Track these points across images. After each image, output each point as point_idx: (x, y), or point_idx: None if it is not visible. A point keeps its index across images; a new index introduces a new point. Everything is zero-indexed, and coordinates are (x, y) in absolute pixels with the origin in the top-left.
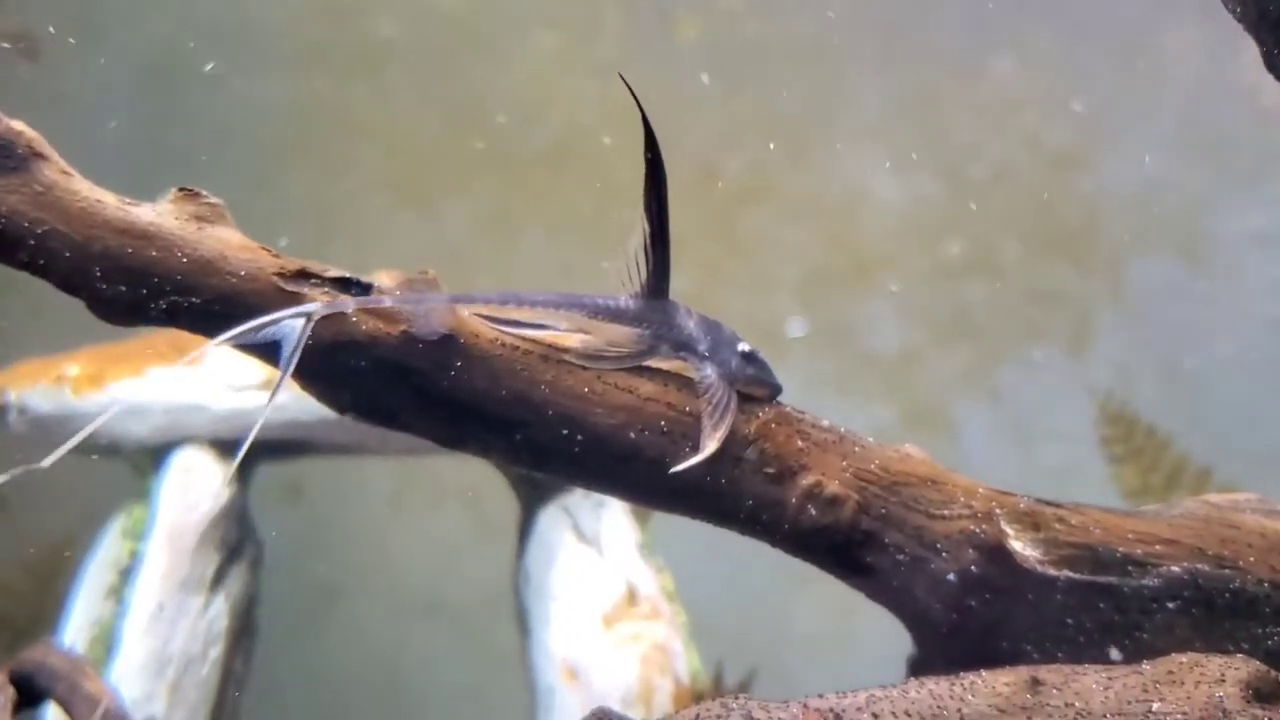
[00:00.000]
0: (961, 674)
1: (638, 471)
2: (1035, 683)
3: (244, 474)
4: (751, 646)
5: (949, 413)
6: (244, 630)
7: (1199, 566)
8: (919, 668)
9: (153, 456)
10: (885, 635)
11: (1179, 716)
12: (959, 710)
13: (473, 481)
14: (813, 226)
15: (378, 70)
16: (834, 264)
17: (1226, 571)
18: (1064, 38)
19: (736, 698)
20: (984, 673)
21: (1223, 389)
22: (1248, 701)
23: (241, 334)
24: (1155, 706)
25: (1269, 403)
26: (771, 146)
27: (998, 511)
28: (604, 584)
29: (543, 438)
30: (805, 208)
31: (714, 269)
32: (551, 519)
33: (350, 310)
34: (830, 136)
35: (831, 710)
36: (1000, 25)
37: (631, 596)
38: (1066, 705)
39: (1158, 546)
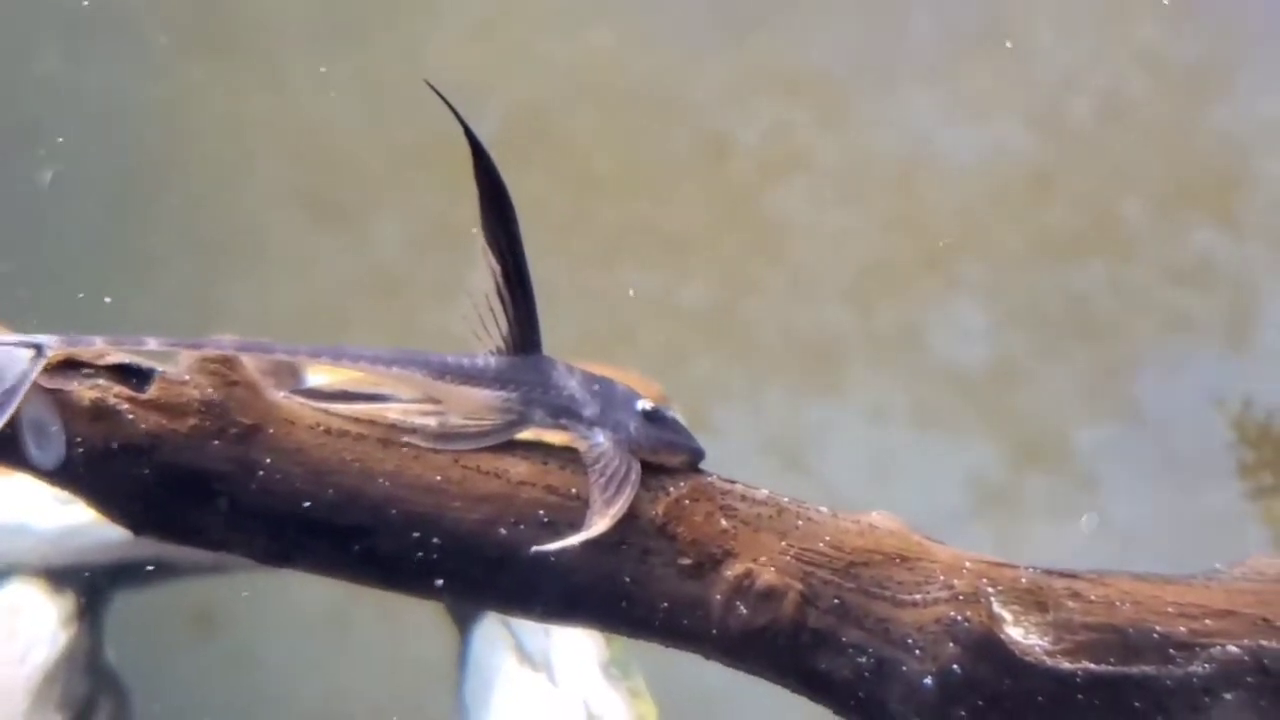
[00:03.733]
0: None
1: (515, 577)
2: None
3: (90, 608)
4: None
5: (1071, 443)
6: None
7: (1264, 644)
8: None
9: None
10: None
11: None
12: None
13: None
14: (862, 205)
15: (265, 49)
16: (895, 252)
17: None
18: None
19: None
20: None
21: None
22: None
23: None
24: None
25: None
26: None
27: (988, 590)
28: (559, 718)
29: (388, 546)
30: (850, 181)
31: (736, 272)
32: (487, 638)
33: (98, 347)
34: (877, 84)
35: None
36: None
37: None
38: None
39: (1208, 621)
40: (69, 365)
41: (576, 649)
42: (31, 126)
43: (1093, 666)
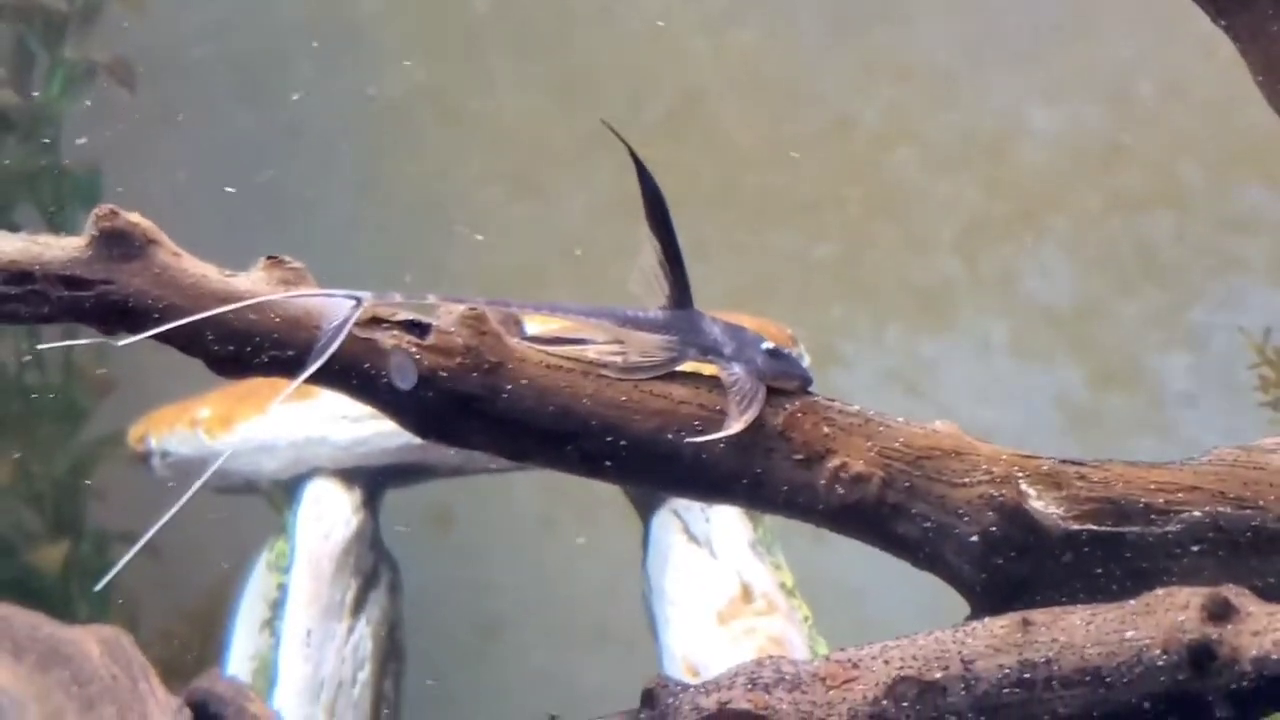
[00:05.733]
0: (967, 622)
1: (680, 469)
2: (1027, 623)
3: (370, 501)
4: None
5: (1144, 367)
6: (390, 654)
7: (1220, 509)
8: None
9: (286, 490)
10: None
11: (1147, 640)
12: (959, 652)
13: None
14: (965, 171)
15: (476, 53)
16: (993, 211)
17: (1248, 511)
18: None
19: (771, 657)
20: (986, 619)
21: None
22: (1203, 621)
23: (316, 349)
24: (1129, 634)
25: None
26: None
27: (1018, 474)
28: (717, 583)
29: (591, 447)
30: (954, 151)
31: (859, 230)
32: (663, 523)
33: (397, 301)
34: (975, 69)
35: (849, 659)
36: None
37: (746, 594)
38: (1053, 640)
39: (1179, 494)
40: (374, 321)
41: (731, 530)
42: (292, 125)
43: (1094, 527)
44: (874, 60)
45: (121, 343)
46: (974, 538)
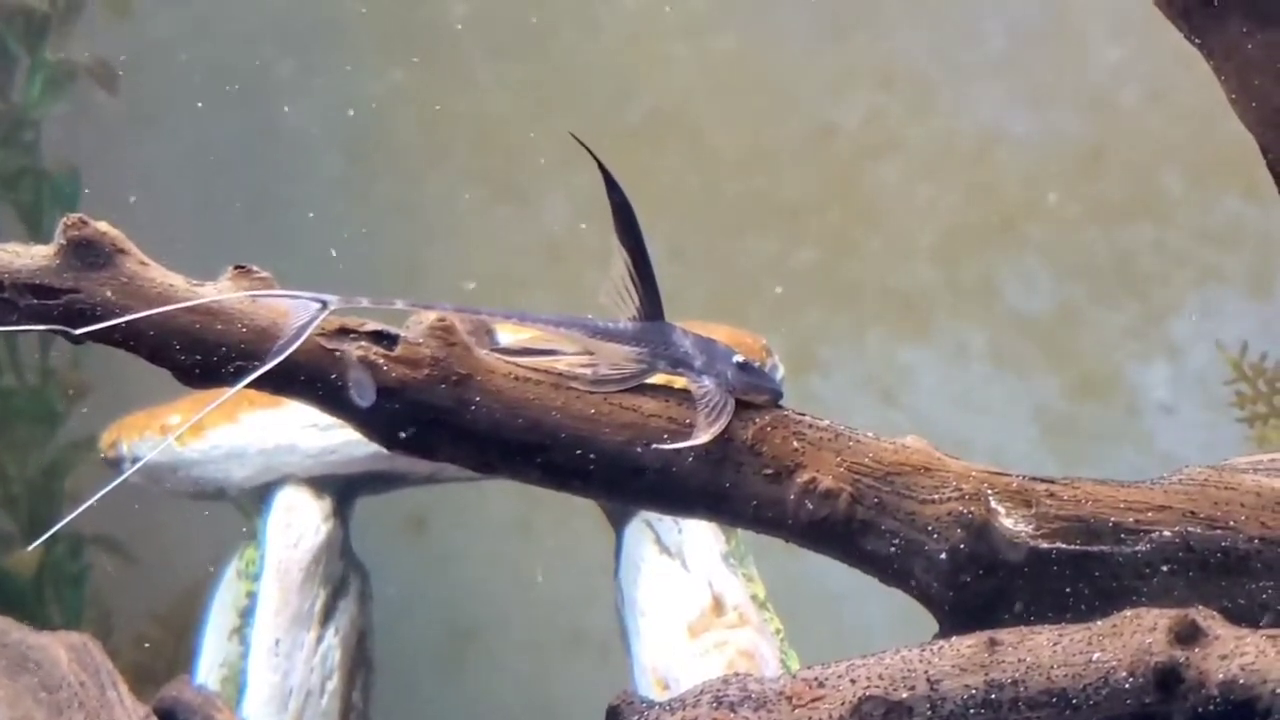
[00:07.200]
0: (934, 641)
1: (648, 483)
2: (993, 643)
3: (341, 509)
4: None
5: (1122, 377)
6: (359, 664)
7: (1190, 529)
8: None
9: (256, 498)
10: None
11: (1114, 662)
12: (925, 671)
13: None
14: (945, 178)
15: (455, 55)
16: (972, 218)
17: (1218, 532)
18: None
19: (738, 674)
20: (953, 638)
21: None
22: (1170, 644)
23: (276, 348)
24: (1095, 656)
25: None
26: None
27: (988, 492)
28: (689, 595)
29: (560, 459)
30: (934, 158)
31: (839, 236)
32: (635, 534)
33: (364, 305)
34: (955, 76)
35: (816, 678)
36: None
37: (717, 606)
38: (1019, 661)
39: (1149, 513)
40: (341, 331)
41: (703, 542)
42: (273, 123)
43: (1064, 546)
44: (855, 67)
45: (79, 331)
46: (943, 555)
